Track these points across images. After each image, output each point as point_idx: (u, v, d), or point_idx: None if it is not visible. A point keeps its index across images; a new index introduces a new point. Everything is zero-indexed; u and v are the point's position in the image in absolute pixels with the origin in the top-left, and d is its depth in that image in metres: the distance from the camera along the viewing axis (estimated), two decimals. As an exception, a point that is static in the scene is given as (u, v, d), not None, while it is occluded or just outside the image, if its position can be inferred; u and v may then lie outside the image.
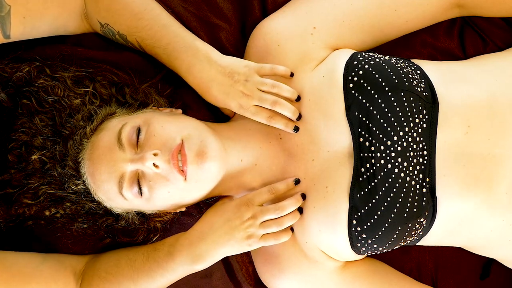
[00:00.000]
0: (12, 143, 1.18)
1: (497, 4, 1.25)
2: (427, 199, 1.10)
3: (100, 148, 1.09)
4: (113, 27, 1.19)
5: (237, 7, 1.31)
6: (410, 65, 1.16)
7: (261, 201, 1.14)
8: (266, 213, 1.12)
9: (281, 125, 1.13)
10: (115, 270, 1.18)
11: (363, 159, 1.10)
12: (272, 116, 1.13)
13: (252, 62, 1.15)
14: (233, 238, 1.12)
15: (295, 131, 1.13)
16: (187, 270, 1.17)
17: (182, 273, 1.17)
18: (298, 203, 1.14)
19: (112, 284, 1.17)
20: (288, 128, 1.13)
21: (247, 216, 1.12)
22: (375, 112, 1.09)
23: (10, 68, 1.19)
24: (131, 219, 1.20)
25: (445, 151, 1.11)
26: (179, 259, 1.15)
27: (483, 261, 1.34)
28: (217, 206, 1.18)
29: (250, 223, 1.11)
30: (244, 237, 1.12)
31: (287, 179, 1.15)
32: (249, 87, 1.12)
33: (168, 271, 1.16)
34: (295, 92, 1.13)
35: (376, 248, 1.14)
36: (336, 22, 1.19)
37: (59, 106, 1.18)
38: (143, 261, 1.18)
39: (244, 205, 1.13)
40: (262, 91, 1.12)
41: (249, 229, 1.12)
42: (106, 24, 1.19)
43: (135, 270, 1.17)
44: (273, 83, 1.12)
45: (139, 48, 1.21)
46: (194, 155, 1.07)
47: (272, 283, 1.21)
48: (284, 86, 1.13)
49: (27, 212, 1.19)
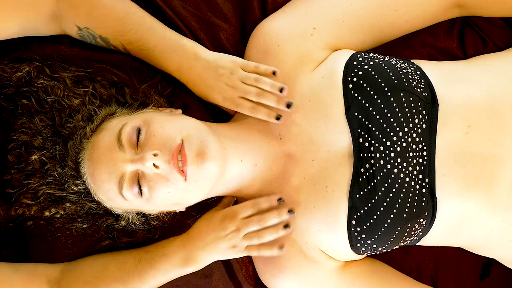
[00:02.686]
0: (12, 143, 1.18)
1: (497, 4, 1.25)
2: (426, 199, 1.10)
3: (100, 148, 1.09)
4: (94, 31, 1.20)
5: (237, 7, 1.31)
6: (409, 66, 1.16)
7: (245, 215, 1.15)
8: (249, 225, 1.13)
9: (263, 115, 1.14)
10: (103, 274, 1.18)
11: (362, 159, 1.10)
12: (255, 107, 1.15)
13: (238, 58, 1.17)
14: (218, 247, 1.14)
15: (277, 119, 1.13)
16: (179, 272, 1.18)
17: (173, 274, 1.19)
18: (280, 217, 1.13)
19: (99, 287, 1.17)
20: (270, 118, 1.14)
21: (231, 229, 1.13)
22: (374, 113, 1.09)
23: (10, 68, 1.19)
24: (131, 219, 1.20)
25: (445, 151, 1.11)
26: (173, 260, 1.17)
27: (483, 261, 1.34)
28: (208, 215, 1.19)
29: (233, 235, 1.13)
30: (229, 247, 1.14)
31: (271, 197, 1.15)
32: (234, 80, 1.14)
33: (161, 272, 1.17)
34: (275, 84, 1.13)
35: (376, 248, 1.14)
36: (336, 22, 1.19)
37: (59, 106, 1.18)
38: (134, 263, 1.18)
39: (228, 218, 1.14)
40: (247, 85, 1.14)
41: (232, 240, 1.13)
42: (86, 28, 1.19)
43: (125, 272, 1.18)
44: (256, 77, 1.13)
45: (123, 50, 1.22)
46: (194, 155, 1.07)
47: (272, 283, 1.21)
48: (266, 80, 1.13)
49: (27, 212, 1.19)
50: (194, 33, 1.28)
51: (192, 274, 1.26)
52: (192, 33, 1.28)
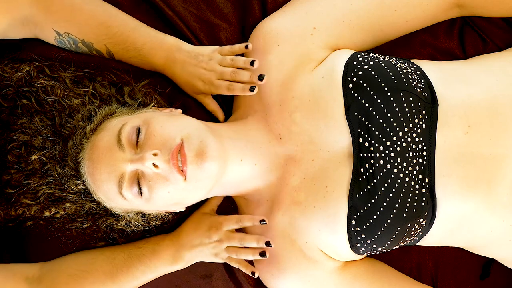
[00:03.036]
0: (12, 143, 1.18)
1: (497, 4, 1.25)
2: (426, 200, 1.10)
3: (100, 148, 1.09)
4: (76, 36, 1.21)
5: (237, 7, 1.31)
6: (409, 66, 1.16)
7: (229, 228, 1.19)
8: (230, 240, 1.18)
9: (239, 90, 1.17)
10: (90, 267, 1.19)
11: (362, 159, 1.10)
12: (231, 84, 1.18)
13: (215, 46, 1.21)
14: (203, 252, 1.20)
15: (251, 90, 1.16)
16: (167, 269, 1.22)
17: (162, 271, 1.22)
18: (258, 243, 1.16)
19: (86, 279, 1.18)
20: (245, 91, 1.16)
21: (215, 239, 1.19)
22: (374, 113, 1.09)
23: (10, 68, 1.19)
24: (131, 219, 1.20)
25: (445, 151, 1.11)
26: (163, 257, 1.20)
27: (483, 261, 1.34)
28: (196, 216, 1.25)
29: (216, 244, 1.19)
30: (212, 253, 1.19)
31: (255, 217, 1.18)
32: (211, 64, 1.19)
33: (150, 268, 1.20)
34: (247, 60, 1.16)
35: (376, 248, 1.14)
36: (336, 22, 1.19)
37: (58, 106, 1.18)
38: (124, 258, 1.20)
39: (214, 228, 1.19)
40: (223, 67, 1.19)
41: (215, 249, 1.19)
42: (66, 33, 1.20)
43: (114, 266, 1.19)
44: (231, 58, 1.19)
45: (106, 54, 1.24)
46: (194, 155, 1.07)
47: (272, 283, 1.21)
48: (239, 58, 1.17)
49: (26, 212, 1.19)
50: (194, 33, 1.28)
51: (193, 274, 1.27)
52: (192, 33, 1.28)
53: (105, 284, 1.18)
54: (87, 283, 1.18)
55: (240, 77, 1.17)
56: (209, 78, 1.19)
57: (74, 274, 1.18)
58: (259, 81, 1.14)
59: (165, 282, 1.27)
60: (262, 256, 1.16)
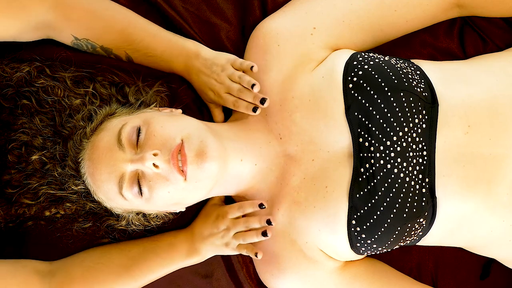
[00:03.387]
0: (12, 143, 1.18)
1: (497, 4, 1.25)
2: (426, 199, 1.10)
3: (100, 148, 1.09)
4: (95, 42, 1.22)
5: (237, 7, 1.31)
6: (409, 66, 1.16)
7: (233, 216, 1.20)
8: (236, 226, 1.19)
9: (243, 108, 1.19)
10: (105, 260, 1.20)
11: (362, 159, 1.10)
12: (237, 101, 1.19)
13: (232, 56, 1.21)
14: (214, 243, 1.21)
15: (254, 111, 1.17)
16: (183, 262, 1.22)
17: (178, 264, 1.22)
18: (260, 223, 1.17)
19: (102, 271, 1.19)
20: (248, 110, 1.18)
21: (222, 228, 1.20)
22: (374, 113, 1.09)
23: (10, 68, 1.19)
24: (131, 219, 1.20)
25: (445, 151, 1.11)
26: (179, 250, 1.21)
27: (483, 261, 1.34)
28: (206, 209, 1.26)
29: (224, 233, 1.20)
30: (222, 244, 1.20)
31: (254, 201, 1.19)
32: (222, 77, 1.20)
33: (166, 261, 1.21)
34: (250, 81, 1.16)
35: (376, 248, 1.14)
36: (336, 22, 1.19)
37: (59, 106, 1.18)
38: (139, 251, 1.21)
39: (220, 217, 1.21)
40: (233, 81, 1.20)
41: (224, 238, 1.20)
42: (85, 39, 1.21)
43: (130, 259, 1.20)
44: (240, 75, 1.18)
45: (125, 59, 1.25)
46: (194, 155, 1.07)
47: (272, 283, 1.21)
48: (245, 77, 1.17)
49: (27, 212, 1.19)
50: (194, 33, 1.28)
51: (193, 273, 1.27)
52: (192, 33, 1.28)
53: (121, 276, 1.19)
54: (103, 275, 1.19)
55: (245, 97, 1.18)
56: (219, 90, 1.20)
57: (89, 266, 1.20)
58: (260, 104, 1.15)
59: (166, 282, 1.27)
60: (264, 236, 1.16)
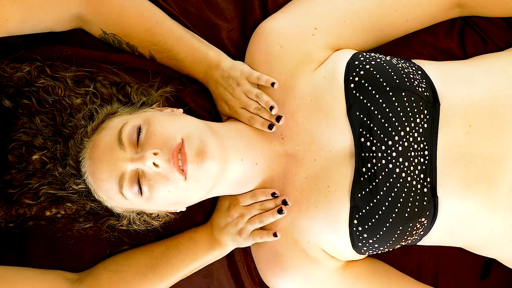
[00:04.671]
0: (12, 143, 1.17)
1: (497, 4, 1.25)
2: (428, 199, 1.10)
3: (101, 147, 1.09)
4: (121, 38, 1.23)
5: (237, 7, 1.31)
6: (411, 66, 1.16)
7: (246, 203, 1.21)
8: (251, 210, 1.20)
9: (259, 125, 1.19)
10: (130, 261, 1.23)
11: (364, 159, 1.10)
12: (252, 117, 1.19)
13: (247, 67, 1.21)
14: (229, 232, 1.22)
15: (270, 128, 1.17)
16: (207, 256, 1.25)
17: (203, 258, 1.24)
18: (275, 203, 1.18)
19: (127, 273, 1.21)
20: (264, 127, 1.18)
21: (236, 215, 1.21)
22: (376, 112, 1.09)
23: (10, 68, 1.19)
24: (132, 219, 1.20)
25: (446, 151, 1.11)
26: (201, 243, 1.24)
27: (483, 261, 1.34)
28: (219, 200, 1.27)
29: (238, 220, 1.21)
30: (236, 232, 1.21)
31: (267, 190, 1.19)
32: (238, 93, 1.20)
33: (189, 256, 1.23)
34: (268, 103, 1.17)
35: (377, 248, 1.14)
36: (336, 22, 1.19)
37: (59, 106, 1.18)
38: (162, 250, 1.24)
39: (232, 206, 1.22)
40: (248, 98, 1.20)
41: (238, 225, 1.21)
42: (112, 34, 1.23)
43: (154, 258, 1.23)
44: (257, 93, 1.18)
45: (149, 58, 1.26)
46: (194, 155, 1.07)
47: (274, 282, 1.21)
48: (264, 97, 1.18)
49: (27, 212, 1.18)
50: (194, 33, 1.28)
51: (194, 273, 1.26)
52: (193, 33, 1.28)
53: (146, 276, 1.21)
54: (129, 276, 1.21)
55: (262, 115, 1.19)
56: (234, 105, 1.21)
57: (115, 269, 1.22)
58: (276, 121, 1.16)
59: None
60: (280, 213, 1.17)
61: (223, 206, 1.24)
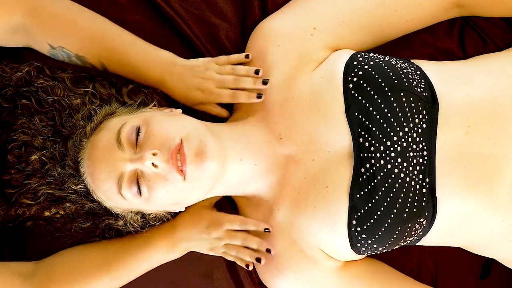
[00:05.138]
0: (12, 143, 1.17)
1: (497, 4, 1.25)
2: (427, 199, 1.10)
3: (100, 148, 1.09)
4: (69, 50, 1.20)
5: (237, 7, 1.31)
6: (410, 66, 1.16)
7: (231, 228, 1.20)
8: (232, 239, 1.20)
9: (244, 98, 1.17)
10: (84, 259, 1.20)
11: (363, 159, 1.10)
12: (234, 92, 1.18)
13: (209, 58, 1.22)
14: (199, 246, 1.21)
15: (259, 98, 1.16)
16: (161, 259, 1.22)
17: (157, 261, 1.22)
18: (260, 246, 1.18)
19: (80, 271, 1.19)
20: (251, 99, 1.17)
21: (214, 236, 1.20)
22: (374, 113, 1.09)
23: (10, 68, 1.19)
24: (130, 219, 1.20)
25: (446, 151, 1.11)
26: (158, 247, 1.20)
27: (483, 261, 1.34)
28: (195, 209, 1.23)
29: (215, 241, 1.20)
30: (208, 248, 1.21)
31: (260, 224, 1.19)
32: (209, 74, 1.19)
33: (144, 258, 1.20)
34: (250, 69, 1.16)
35: (376, 248, 1.14)
36: (336, 22, 1.19)
37: (58, 106, 1.18)
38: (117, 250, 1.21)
39: (214, 226, 1.20)
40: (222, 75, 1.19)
41: (212, 245, 1.21)
42: (60, 47, 1.20)
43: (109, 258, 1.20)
44: (232, 67, 1.18)
45: (100, 68, 1.22)
46: (193, 155, 1.07)
47: (272, 282, 1.21)
48: (240, 67, 1.17)
49: (26, 212, 1.19)
50: (194, 33, 1.28)
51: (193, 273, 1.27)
52: (192, 33, 1.28)
53: (100, 275, 1.19)
54: (81, 275, 1.18)
55: (244, 84, 1.17)
56: (208, 86, 1.19)
57: (69, 266, 1.19)
58: (264, 85, 1.14)
59: (166, 282, 1.27)
60: (257, 261, 1.18)
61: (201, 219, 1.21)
